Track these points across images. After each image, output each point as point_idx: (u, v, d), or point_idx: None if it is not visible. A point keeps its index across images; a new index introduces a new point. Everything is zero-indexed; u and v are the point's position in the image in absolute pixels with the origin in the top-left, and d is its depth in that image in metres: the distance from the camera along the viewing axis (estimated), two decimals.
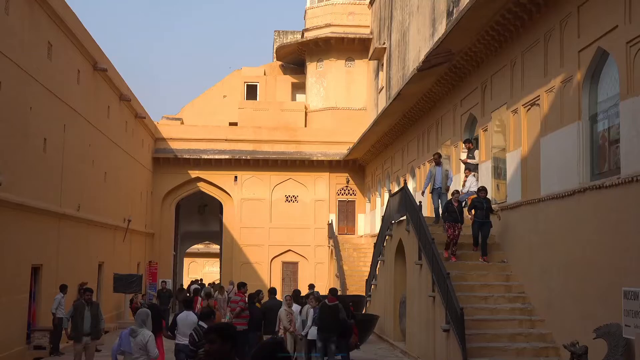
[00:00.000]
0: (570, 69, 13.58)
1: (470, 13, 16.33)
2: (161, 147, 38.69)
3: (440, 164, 19.44)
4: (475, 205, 16.37)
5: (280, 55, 44.32)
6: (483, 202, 16.31)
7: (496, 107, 17.49)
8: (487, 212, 16.35)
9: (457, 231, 16.65)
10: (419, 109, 24.82)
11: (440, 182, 19.24)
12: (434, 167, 19.46)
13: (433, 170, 19.47)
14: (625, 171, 11.51)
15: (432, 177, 19.50)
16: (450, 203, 16.97)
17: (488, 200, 16.43)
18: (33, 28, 19.42)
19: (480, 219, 16.38)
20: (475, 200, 16.47)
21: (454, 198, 17.05)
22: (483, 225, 16.45)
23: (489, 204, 16.38)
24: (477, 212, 16.36)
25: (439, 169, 19.28)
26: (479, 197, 16.42)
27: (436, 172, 19.29)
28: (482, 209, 16.29)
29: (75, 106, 23.33)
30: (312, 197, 39.29)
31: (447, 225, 16.76)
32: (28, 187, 19.25)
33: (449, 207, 16.90)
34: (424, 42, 25.07)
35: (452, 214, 16.68)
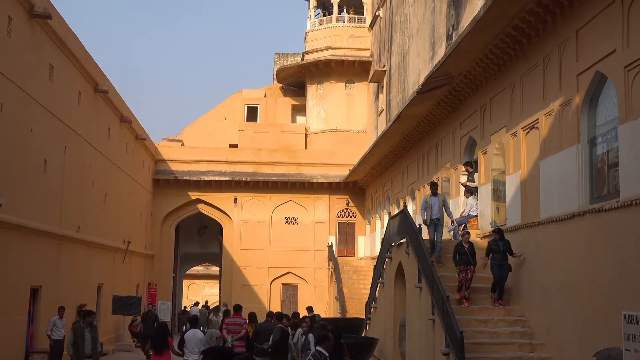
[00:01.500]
0: (569, 92, 13.63)
1: (469, 37, 16.42)
2: (161, 168, 38.74)
3: (437, 194, 18.38)
4: (492, 248, 15.54)
5: (280, 77, 44.50)
6: (499, 244, 15.47)
7: (496, 130, 17.54)
8: (504, 254, 15.46)
9: (469, 274, 15.78)
10: (419, 131, 24.89)
11: (437, 213, 17.97)
12: (430, 197, 18.24)
13: (429, 200, 18.20)
14: (624, 194, 11.52)
15: (427, 208, 18.24)
16: (461, 244, 16.04)
17: (506, 241, 15.53)
18: (35, 50, 19.53)
19: (498, 261, 15.47)
20: (491, 243, 15.66)
21: (464, 239, 16.12)
22: (501, 267, 15.50)
23: (507, 245, 15.50)
24: (494, 255, 15.51)
25: (435, 199, 18.10)
26: (494, 240, 15.59)
27: (432, 203, 18.09)
28: (499, 252, 15.44)
29: (76, 128, 23.40)
30: (312, 219, 39.27)
31: (458, 268, 15.90)
32: (28, 208, 19.27)
33: (459, 249, 15.96)
34: (424, 64, 25.18)
35: (463, 257, 15.81)
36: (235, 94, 45.72)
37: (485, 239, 18.01)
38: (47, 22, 19.86)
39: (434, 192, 18.28)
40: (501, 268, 15.48)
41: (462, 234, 16.62)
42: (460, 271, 15.86)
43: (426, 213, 18.05)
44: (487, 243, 15.79)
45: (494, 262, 15.51)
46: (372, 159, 31.88)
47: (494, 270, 15.57)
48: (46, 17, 19.56)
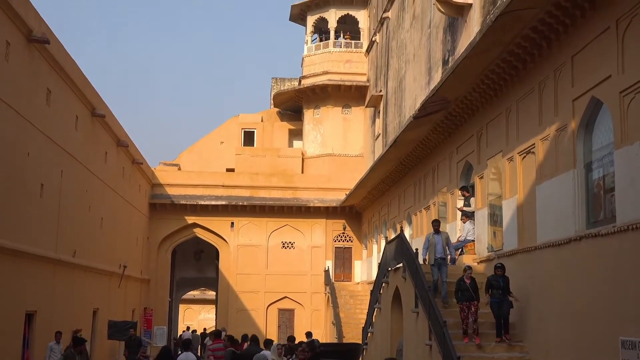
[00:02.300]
0: (565, 117, 13.69)
1: (465, 62, 16.50)
2: (158, 192, 38.72)
3: (439, 232, 17.62)
4: (492, 284, 15.01)
5: (277, 102, 44.64)
6: (500, 280, 14.95)
7: (492, 154, 17.58)
8: (504, 290, 14.95)
9: (473, 309, 15.27)
10: (416, 156, 24.94)
11: (441, 252, 17.15)
12: (432, 235, 17.42)
13: (432, 238, 17.37)
14: (621, 219, 11.53)
15: (430, 247, 17.37)
16: (462, 280, 15.54)
17: (506, 278, 15.00)
18: (32, 74, 19.59)
19: (497, 298, 14.93)
20: (491, 279, 15.12)
21: (465, 275, 15.60)
22: (501, 304, 14.93)
23: (506, 282, 14.98)
24: (493, 291, 14.99)
25: (439, 237, 17.31)
26: (495, 275, 15.05)
27: (436, 242, 17.23)
28: (499, 288, 14.90)
29: (73, 152, 23.42)
30: (308, 243, 39.21)
31: (460, 306, 15.41)
32: (24, 233, 19.22)
33: (461, 285, 15.49)
34: (420, 89, 25.29)
35: (465, 292, 15.36)
36: (232, 118, 45.84)
37: (483, 263, 18.00)
38: (45, 46, 19.94)
39: (437, 230, 17.57)
40: (500, 305, 14.93)
41: (464, 269, 15.99)
42: (462, 309, 15.34)
43: (428, 252, 17.26)
44: (487, 279, 15.36)
45: (493, 300, 14.98)
46: (368, 183, 31.92)
47: (493, 308, 15.05)
48: (44, 42, 19.64)
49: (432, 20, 24.02)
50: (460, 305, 15.42)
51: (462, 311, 15.34)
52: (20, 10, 18.17)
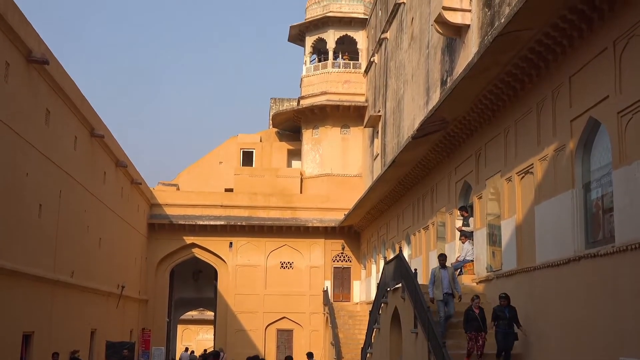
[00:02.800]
0: (563, 137, 13.72)
1: (463, 82, 16.56)
2: (156, 212, 38.69)
3: (446, 266, 16.86)
4: (498, 314, 14.57)
5: (276, 122, 44.71)
6: (505, 310, 14.57)
7: (490, 175, 17.60)
8: (510, 321, 14.50)
9: (480, 341, 14.81)
10: (414, 176, 24.96)
11: (447, 287, 16.46)
12: (439, 269, 16.70)
13: (438, 273, 16.64)
14: (619, 240, 11.52)
15: (436, 281, 16.64)
16: (471, 310, 15.09)
17: (512, 308, 14.59)
18: (32, 95, 19.63)
19: (503, 329, 14.49)
20: (496, 310, 14.67)
21: (473, 304, 15.15)
22: (506, 336, 14.48)
23: (512, 312, 14.56)
24: (499, 322, 14.54)
25: (445, 272, 16.62)
26: (500, 306, 14.65)
27: (442, 277, 16.55)
28: (505, 319, 14.47)
29: (72, 172, 23.42)
30: (307, 263, 39.14)
31: (468, 335, 14.97)
32: (22, 253, 19.19)
33: (469, 315, 15.04)
34: (419, 110, 25.35)
35: (474, 322, 14.89)
36: (231, 138, 45.89)
37: (482, 283, 17.97)
38: (45, 67, 20.00)
39: (443, 264, 16.82)
40: (506, 337, 14.50)
41: (471, 298, 15.51)
42: (470, 338, 14.91)
43: (435, 288, 16.55)
44: (493, 310, 14.96)
45: (499, 330, 14.56)
46: (367, 203, 31.91)
47: (497, 339, 14.61)
48: (44, 63, 19.71)
49: (430, 41, 24.13)
50: (468, 334, 15.03)
51: (469, 340, 14.94)
52: (20, 31, 18.25)
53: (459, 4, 20.00)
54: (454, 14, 20.06)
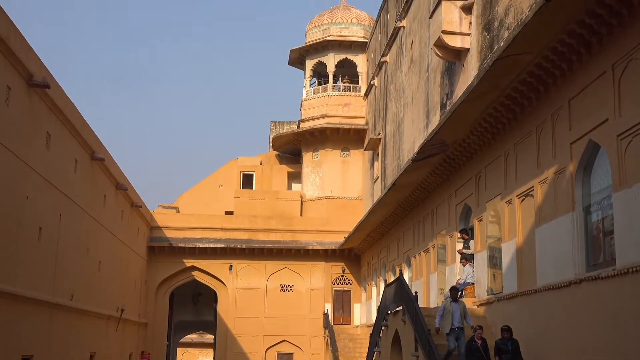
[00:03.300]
0: (563, 160, 13.76)
1: (463, 106, 16.63)
2: (156, 235, 38.64)
3: (457, 300, 16.34)
4: (500, 348, 14.22)
5: (276, 145, 44.80)
6: (507, 343, 14.19)
7: (491, 197, 17.62)
8: (513, 355, 14.12)
9: None
10: (414, 198, 24.98)
11: (459, 321, 15.96)
12: (450, 302, 16.22)
13: (449, 306, 16.12)
14: (620, 262, 11.52)
15: (445, 314, 16.11)
16: (473, 340, 14.86)
17: (514, 341, 14.23)
18: (32, 118, 19.66)
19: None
20: (499, 343, 14.35)
21: (476, 335, 14.89)
22: None
23: (515, 345, 14.18)
24: (502, 355, 14.17)
25: (456, 305, 16.11)
26: (503, 339, 14.26)
27: (453, 310, 16.00)
28: (508, 352, 14.10)
29: (72, 195, 23.41)
30: (307, 286, 39.04)
31: None
32: (21, 277, 19.14)
33: (472, 346, 14.79)
34: (419, 132, 25.42)
35: (476, 353, 14.67)
36: (231, 161, 45.91)
37: (482, 306, 17.92)
38: (46, 91, 20.05)
39: (455, 297, 16.29)
40: None
41: (474, 328, 15.28)
42: None
43: (443, 320, 16.04)
44: (495, 343, 14.66)
45: None
46: (367, 226, 31.89)
47: None
48: (45, 87, 19.74)
49: (429, 64, 24.25)
50: None
51: None
52: (22, 55, 18.31)
53: (458, 27, 20.12)
54: (453, 38, 20.18)
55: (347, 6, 43.54)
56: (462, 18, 20.02)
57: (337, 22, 42.15)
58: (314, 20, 43.38)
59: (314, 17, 43.55)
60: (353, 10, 42.93)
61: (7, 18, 17.44)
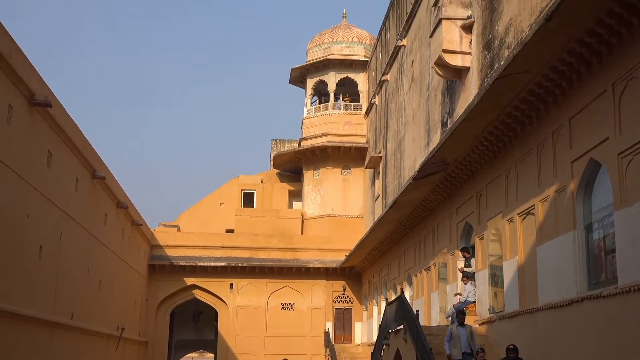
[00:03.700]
0: (564, 179, 13.76)
1: (464, 124, 16.67)
2: (157, 254, 38.58)
3: (464, 324, 16.07)
4: None
5: (277, 163, 44.82)
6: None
7: (492, 215, 17.61)
8: None
9: None
10: (415, 217, 24.97)
11: (466, 345, 15.69)
12: (456, 327, 15.98)
13: (455, 331, 15.90)
14: (622, 281, 11.49)
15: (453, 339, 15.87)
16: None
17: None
18: (34, 137, 19.70)
19: None
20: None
21: (478, 357, 14.80)
22: None
23: None
24: None
25: (463, 330, 15.85)
26: (508, 358, 13.85)
27: (460, 334, 15.78)
28: None
29: (73, 214, 23.41)
30: (308, 304, 38.93)
31: None
32: (21, 295, 19.10)
33: None
34: (419, 151, 25.45)
35: None
36: (232, 179, 45.92)
37: (484, 325, 17.87)
38: (47, 109, 20.08)
39: (462, 322, 16.03)
40: None
41: (476, 352, 15.03)
42: None
43: (452, 346, 15.74)
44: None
45: None
46: (368, 244, 31.86)
47: None
48: (46, 106, 19.78)
49: (430, 83, 24.32)
50: None
51: None
52: (23, 74, 18.37)
53: (458, 46, 20.18)
54: (454, 57, 20.24)
55: (348, 25, 43.73)
56: (463, 37, 20.09)
57: (337, 41, 42.30)
58: (315, 39, 43.53)
59: (315, 36, 43.70)
60: (354, 29, 43.11)
61: (9, 37, 17.54)
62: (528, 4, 15.77)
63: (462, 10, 20.15)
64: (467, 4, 20.13)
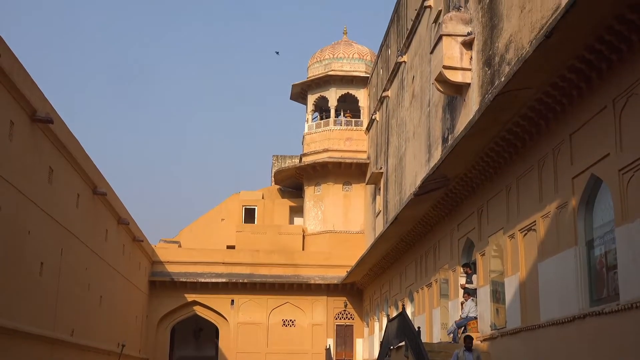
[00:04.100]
0: (565, 195, 13.74)
1: (464, 140, 16.66)
2: (158, 270, 38.49)
3: (472, 348, 15.96)
4: None
5: (278, 179, 44.82)
6: None
7: (493, 231, 17.57)
8: None
9: None
10: (416, 233, 24.92)
11: None
12: (463, 351, 15.93)
13: (462, 356, 15.83)
14: (624, 297, 11.45)
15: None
16: None
17: None
18: (35, 153, 19.72)
19: None
20: None
21: None
22: None
23: None
24: None
25: (470, 355, 15.76)
26: None
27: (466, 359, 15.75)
28: None
29: (74, 230, 23.39)
30: (309, 321, 38.81)
31: None
32: (22, 312, 19.04)
33: None
34: (420, 167, 25.46)
35: None
36: (233, 195, 45.90)
37: (486, 341, 17.79)
38: (49, 126, 20.12)
39: (469, 347, 15.93)
40: None
41: None
42: None
43: None
44: None
45: None
46: (369, 260, 31.79)
47: None
48: (48, 122, 19.82)
49: (431, 99, 24.35)
50: None
51: None
52: (25, 90, 18.41)
53: (459, 63, 20.23)
54: (454, 73, 20.27)
55: (349, 41, 43.85)
56: (463, 53, 20.14)
57: (338, 57, 42.42)
58: (316, 55, 43.65)
59: (316, 52, 43.82)
60: (354, 46, 43.22)
61: (12, 54, 17.59)
62: (528, 20, 15.82)
63: (463, 27, 20.20)
64: (467, 21, 20.18)
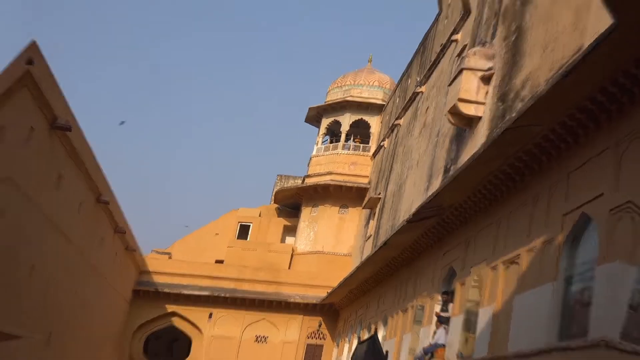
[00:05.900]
0: (554, 230, 13.70)
1: (466, 171, 16.76)
2: (145, 279, 38.27)
3: None
4: None
5: (278, 198, 44.97)
6: None
7: (477, 262, 17.53)
8: None
9: None
10: (403, 259, 24.85)
11: None
12: None
13: None
14: (593, 335, 11.38)
15: None
16: None
17: None
18: (49, 160, 19.67)
19: None
20: None
21: None
22: None
23: None
24: None
25: None
26: None
27: None
28: None
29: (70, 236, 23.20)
30: (282, 338, 38.48)
31: None
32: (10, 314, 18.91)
33: None
34: (418, 194, 25.51)
35: None
36: (231, 211, 46.02)
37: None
38: (66, 133, 20.05)
39: None
40: None
41: None
42: None
43: None
44: None
45: None
46: (352, 282, 31.69)
47: None
48: (66, 130, 19.79)
49: (441, 130, 24.48)
50: None
51: None
52: (51, 99, 18.38)
53: (475, 96, 20.37)
54: (468, 106, 20.42)
55: (372, 69, 44.24)
56: (480, 87, 20.29)
57: (359, 84, 42.78)
58: (338, 80, 44.10)
59: (338, 78, 44.29)
60: (376, 73, 43.59)
61: (45, 62, 17.52)
62: (549, 59, 15.96)
63: (485, 62, 20.38)
64: (490, 57, 20.36)
